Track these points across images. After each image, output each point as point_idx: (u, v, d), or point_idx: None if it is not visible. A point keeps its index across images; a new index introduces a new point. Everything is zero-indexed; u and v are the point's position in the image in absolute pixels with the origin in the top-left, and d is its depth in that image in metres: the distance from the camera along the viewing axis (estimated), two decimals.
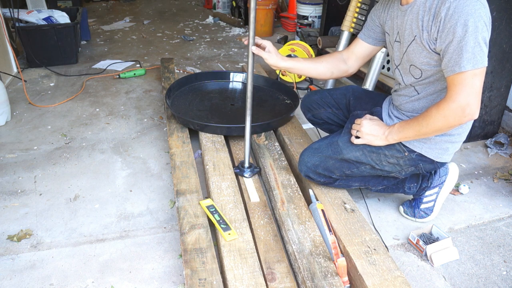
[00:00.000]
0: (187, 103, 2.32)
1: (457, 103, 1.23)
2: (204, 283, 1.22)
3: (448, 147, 1.45)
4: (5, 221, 1.63)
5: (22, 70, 3.04)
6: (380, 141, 1.47)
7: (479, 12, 1.17)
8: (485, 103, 2.18)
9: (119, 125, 2.38)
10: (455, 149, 1.49)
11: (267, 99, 2.41)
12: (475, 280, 1.42)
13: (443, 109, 1.26)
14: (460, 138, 1.46)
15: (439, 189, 1.63)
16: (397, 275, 1.26)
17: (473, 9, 1.17)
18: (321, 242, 1.40)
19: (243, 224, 1.46)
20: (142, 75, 3.07)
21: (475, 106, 1.23)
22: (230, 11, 4.83)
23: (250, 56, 1.54)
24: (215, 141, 1.97)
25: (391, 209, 1.75)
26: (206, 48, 3.79)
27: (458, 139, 1.46)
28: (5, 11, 2.97)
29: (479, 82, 1.21)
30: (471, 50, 1.18)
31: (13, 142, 2.18)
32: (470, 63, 1.19)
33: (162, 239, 1.56)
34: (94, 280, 1.38)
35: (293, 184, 1.69)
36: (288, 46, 2.86)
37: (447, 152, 1.47)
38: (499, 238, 1.61)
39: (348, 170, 1.54)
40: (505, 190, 1.89)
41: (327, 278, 1.26)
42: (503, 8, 1.95)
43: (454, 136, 1.44)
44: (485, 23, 1.19)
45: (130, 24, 4.51)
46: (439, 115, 1.27)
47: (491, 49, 2.03)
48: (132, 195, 1.79)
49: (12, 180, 1.88)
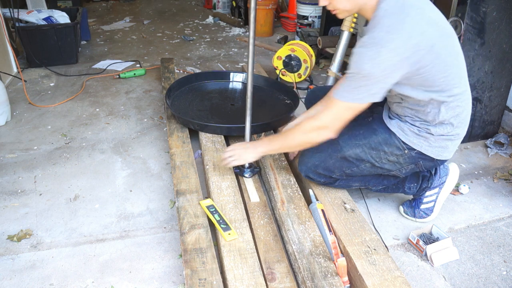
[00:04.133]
0: (187, 103, 2.32)
1: (319, 122, 1.39)
2: (204, 283, 1.22)
3: (447, 145, 1.45)
4: (5, 221, 1.63)
5: (22, 70, 3.04)
6: (251, 153, 1.59)
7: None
8: (485, 103, 2.18)
9: (119, 125, 2.38)
10: (455, 146, 1.49)
11: (267, 99, 2.42)
12: (475, 280, 1.42)
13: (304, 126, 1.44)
14: (458, 135, 1.46)
15: (439, 189, 1.63)
16: (397, 275, 1.26)
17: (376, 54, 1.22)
18: (321, 242, 1.40)
19: (243, 224, 1.46)
20: (142, 75, 3.07)
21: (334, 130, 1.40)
22: (230, 11, 4.83)
23: (250, 56, 1.54)
24: (215, 141, 1.97)
25: (391, 209, 1.75)
26: (206, 48, 3.79)
27: (457, 136, 1.45)
28: (5, 11, 2.97)
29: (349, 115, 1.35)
30: (349, 85, 1.29)
31: (13, 142, 2.18)
32: (343, 95, 1.32)
33: (162, 239, 1.56)
34: (94, 280, 1.38)
35: (293, 184, 1.69)
36: (288, 46, 2.87)
37: (447, 149, 1.46)
38: (499, 238, 1.61)
39: (348, 169, 1.54)
40: (505, 190, 1.89)
41: (327, 278, 1.26)
42: (503, 8, 1.95)
43: (452, 135, 1.44)
44: (385, 68, 1.23)
45: (130, 24, 4.51)
46: (300, 132, 1.45)
47: (491, 49, 2.03)
48: (132, 195, 1.79)
49: (12, 180, 1.88)
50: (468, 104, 1.43)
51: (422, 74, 1.28)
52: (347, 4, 1.33)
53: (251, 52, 1.56)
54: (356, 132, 1.52)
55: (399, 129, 1.45)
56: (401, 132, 1.45)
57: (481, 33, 1.98)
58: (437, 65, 1.27)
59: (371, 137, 1.48)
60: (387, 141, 1.46)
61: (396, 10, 1.23)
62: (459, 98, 1.37)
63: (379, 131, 1.48)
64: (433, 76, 1.29)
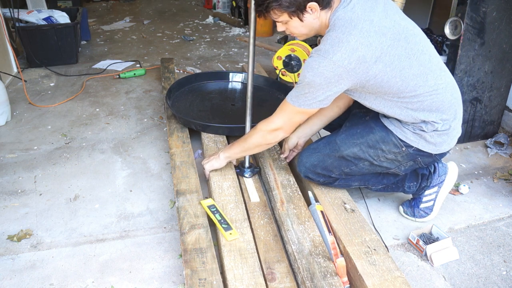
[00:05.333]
0: (188, 103, 2.32)
1: (274, 124, 1.49)
2: (204, 283, 1.22)
3: (444, 139, 1.45)
4: (5, 221, 1.63)
5: (22, 70, 3.04)
6: (217, 161, 1.69)
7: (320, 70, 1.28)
8: (485, 103, 2.18)
9: (119, 125, 2.38)
10: (453, 138, 1.48)
11: (267, 99, 2.42)
12: (475, 280, 1.42)
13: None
14: (451, 127, 1.44)
15: (438, 188, 1.63)
16: (397, 275, 1.26)
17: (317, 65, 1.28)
18: (321, 242, 1.40)
19: (243, 224, 1.46)
20: (142, 75, 3.07)
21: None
22: (230, 11, 4.83)
23: (251, 56, 1.54)
24: (217, 140, 1.98)
25: (391, 209, 1.75)
26: (206, 48, 3.79)
27: (451, 129, 1.44)
28: (5, 11, 2.97)
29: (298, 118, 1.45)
30: (298, 91, 1.37)
31: (13, 142, 2.18)
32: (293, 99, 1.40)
33: (162, 239, 1.56)
34: (94, 280, 1.38)
35: (292, 184, 1.69)
36: (288, 46, 2.87)
37: (444, 143, 1.46)
38: (499, 238, 1.61)
39: (347, 168, 1.54)
40: (505, 190, 1.89)
41: (327, 278, 1.26)
42: (503, 8, 1.95)
43: (445, 129, 1.43)
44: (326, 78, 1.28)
45: (130, 24, 4.51)
46: (257, 134, 1.54)
47: (491, 49, 2.03)
48: (132, 195, 1.79)
49: (12, 180, 1.88)
50: (448, 96, 1.41)
51: (375, 82, 1.32)
52: (303, 29, 1.40)
53: (251, 52, 1.56)
54: (354, 131, 1.52)
55: (396, 127, 1.45)
56: (398, 129, 1.45)
57: (481, 33, 1.98)
58: (389, 71, 1.30)
59: (369, 135, 1.49)
60: (384, 139, 1.46)
61: (343, 23, 1.28)
62: (430, 94, 1.37)
63: (376, 129, 1.49)
64: (387, 83, 1.32)
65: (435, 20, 3.23)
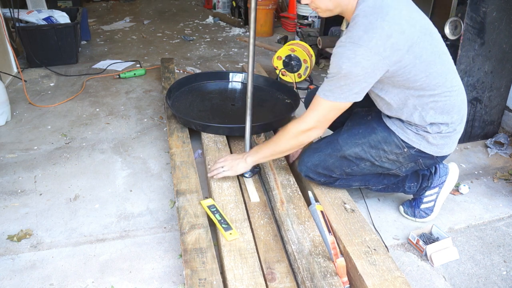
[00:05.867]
0: (188, 103, 2.32)
1: (307, 124, 1.41)
2: (204, 283, 1.22)
3: (446, 142, 1.45)
4: (5, 221, 1.63)
5: (22, 70, 3.04)
6: (241, 164, 1.62)
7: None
8: (485, 103, 2.18)
9: (119, 125, 2.38)
10: (454, 141, 1.48)
11: (267, 99, 2.42)
12: (475, 280, 1.42)
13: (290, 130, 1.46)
14: (456, 131, 1.45)
15: (439, 189, 1.63)
16: (397, 275, 1.26)
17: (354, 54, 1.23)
18: (321, 242, 1.40)
19: (244, 224, 1.46)
20: (142, 75, 3.07)
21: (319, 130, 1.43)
22: (230, 11, 4.83)
23: (251, 56, 1.54)
24: (217, 140, 1.98)
25: (391, 209, 1.75)
26: (206, 48, 3.79)
27: (454, 132, 1.45)
28: (5, 11, 2.97)
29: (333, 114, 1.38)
30: (332, 84, 1.31)
31: (13, 142, 2.18)
32: (326, 93, 1.33)
33: (162, 239, 1.56)
34: (94, 280, 1.38)
35: (292, 184, 1.69)
36: (288, 46, 2.87)
37: (446, 146, 1.46)
38: (499, 238, 1.61)
39: (348, 168, 1.54)
40: (505, 190, 1.89)
41: (327, 278, 1.26)
42: (503, 8, 1.95)
43: (449, 132, 1.43)
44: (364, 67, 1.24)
45: (130, 24, 4.51)
46: (289, 136, 1.47)
47: (491, 49, 2.03)
48: (132, 195, 1.79)
49: (12, 180, 1.88)
50: (459, 99, 1.42)
51: (403, 73, 1.29)
52: (329, 4, 1.34)
53: (251, 52, 1.56)
54: (356, 131, 1.52)
55: (398, 127, 1.45)
56: (400, 130, 1.45)
57: (481, 33, 1.98)
58: (418, 64, 1.28)
59: (371, 135, 1.49)
60: (387, 139, 1.46)
61: (375, 11, 1.25)
62: (445, 95, 1.37)
63: (378, 129, 1.48)
64: (414, 76, 1.30)
65: (435, 20, 3.19)
